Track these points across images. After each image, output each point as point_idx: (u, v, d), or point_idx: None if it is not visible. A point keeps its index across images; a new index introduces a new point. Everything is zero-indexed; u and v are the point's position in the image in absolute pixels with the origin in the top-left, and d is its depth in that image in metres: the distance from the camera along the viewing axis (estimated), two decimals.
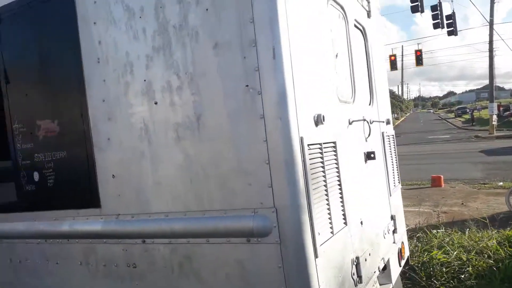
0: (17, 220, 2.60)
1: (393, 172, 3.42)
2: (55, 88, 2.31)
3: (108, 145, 2.12)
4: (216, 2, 1.81)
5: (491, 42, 23.98)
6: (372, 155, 2.75)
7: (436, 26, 17.04)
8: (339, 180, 2.17)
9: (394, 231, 3.19)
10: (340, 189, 2.17)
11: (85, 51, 2.15)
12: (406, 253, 3.54)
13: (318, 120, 1.97)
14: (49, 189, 2.38)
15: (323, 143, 2.02)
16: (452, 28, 17.60)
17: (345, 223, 2.17)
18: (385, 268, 2.94)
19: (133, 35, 2.01)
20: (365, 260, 2.41)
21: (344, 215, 2.17)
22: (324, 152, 2.02)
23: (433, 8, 16.96)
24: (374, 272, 2.59)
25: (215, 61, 1.83)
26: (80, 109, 2.18)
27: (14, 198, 2.60)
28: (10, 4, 2.40)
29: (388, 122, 3.47)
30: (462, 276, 4.05)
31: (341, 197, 2.17)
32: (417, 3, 15.27)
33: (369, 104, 3.11)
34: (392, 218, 3.20)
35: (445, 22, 17.41)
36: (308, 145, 1.84)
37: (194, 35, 1.86)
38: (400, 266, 3.26)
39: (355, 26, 2.93)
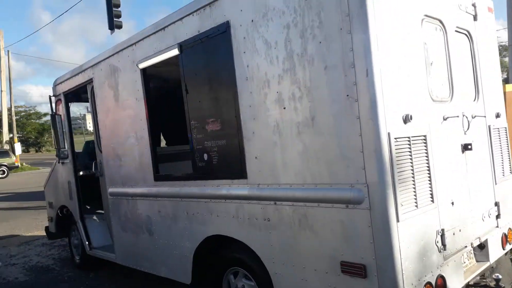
0: (192, 186, 3.74)
1: (502, 163, 3.63)
2: (218, 97, 3.35)
3: (253, 137, 3.05)
4: (327, 37, 2.53)
5: None
6: (469, 147, 3.12)
7: None
8: (428, 166, 2.68)
9: (498, 216, 3.46)
10: (429, 173, 2.69)
11: (238, 72, 3.10)
12: None
13: (406, 119, 2.53)
14: (214, 165, 3.46)
15: (412, 137, 2.57)
16: None
17: (432, 201, 2.68)
18: (483, 247, 3.28)
19: (270, 60, 2.87)
20: (453, 234, 2.87)
21: (431, 194, 2.69)
22: (412, 144, 2.57)
23: None
24: (465, 246, 3.00)
25: (325, 78, 2.57)
26: (234, 112, 3.16)
27: (190, 171, 3.76)
28: (188, 39, 3.52)
29: (497, 116, 3.66)
30: None
31: (429, 180, 2.68)
32: None
33: (474, 100, 3.42)
34: (496, 204, 3.47)
35: None
36: (395, 138, 2.44)
37: (311, 60, 2.63)
38: (504, 249, 3.51)
39: (458, 31, 3.27)
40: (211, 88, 3.41)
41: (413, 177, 2.55)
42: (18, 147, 32.11)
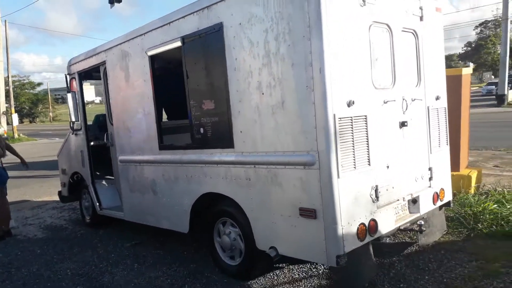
0: (190, 153, 4.64)
1: (439, 136, 4.56)
2: (213, 82, 4.22)
3: (238, 115, 3.94)
4: (294, 41, 3.37)
5: None
6: (405, 124, 4.02)
7: None
8: (366, 139, 3.59)
9: (430, 179, 4.42)
10: (367, 144, 3.59)
11: (228, 63, 3.95)
12: (447, 198, 4.69)
13: (350, 103, 3.41)
14: (208, 137, 4.36)
15: (354, 117, 3.46)
16: None
17: (369, 164, 3.61)
18: (416, 202, 4.25)
19: (253, 56, 3.72)
20: (386, 190, 3.82)
21: (368, 159, 3.60)
22: (354, 122, 3.46)
23: None
24: (398, 200, 3.97)
25: (292, 73, 3.43)
26: (225, 95, 4.03)
27: (189, 141, 4.64)
28: (189, 34, 4.34)
29: (437, 98, 4.56)
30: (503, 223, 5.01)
31: (367, 149, 3.58)
32: None
33: (416, 86, 4.30)
34: (430, 169, 4.42)
35: None
36: (340, 118, 3.32)
37: (282, 58, 3.48)
38: (434, 204, 4.48)
39: (404, 31, 4.12)
40: (207, 75, 4.27)
41: (353, 146, 3.46)
42: (15, 118, 32.58)
